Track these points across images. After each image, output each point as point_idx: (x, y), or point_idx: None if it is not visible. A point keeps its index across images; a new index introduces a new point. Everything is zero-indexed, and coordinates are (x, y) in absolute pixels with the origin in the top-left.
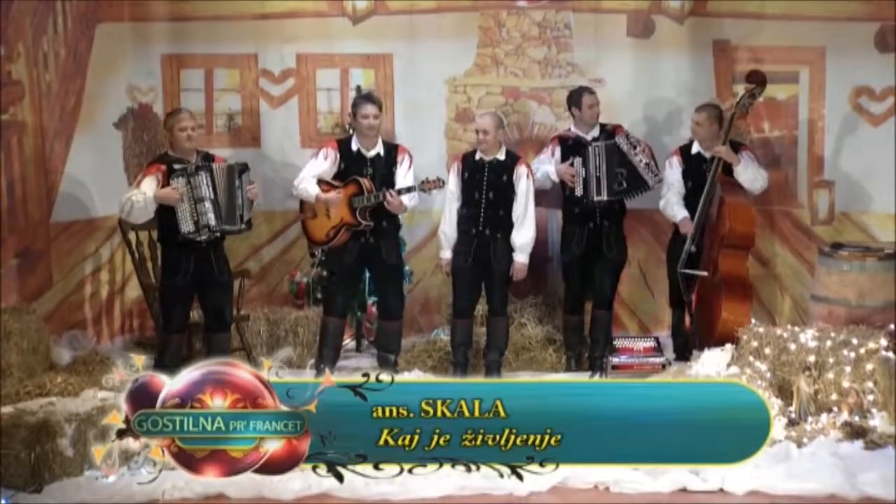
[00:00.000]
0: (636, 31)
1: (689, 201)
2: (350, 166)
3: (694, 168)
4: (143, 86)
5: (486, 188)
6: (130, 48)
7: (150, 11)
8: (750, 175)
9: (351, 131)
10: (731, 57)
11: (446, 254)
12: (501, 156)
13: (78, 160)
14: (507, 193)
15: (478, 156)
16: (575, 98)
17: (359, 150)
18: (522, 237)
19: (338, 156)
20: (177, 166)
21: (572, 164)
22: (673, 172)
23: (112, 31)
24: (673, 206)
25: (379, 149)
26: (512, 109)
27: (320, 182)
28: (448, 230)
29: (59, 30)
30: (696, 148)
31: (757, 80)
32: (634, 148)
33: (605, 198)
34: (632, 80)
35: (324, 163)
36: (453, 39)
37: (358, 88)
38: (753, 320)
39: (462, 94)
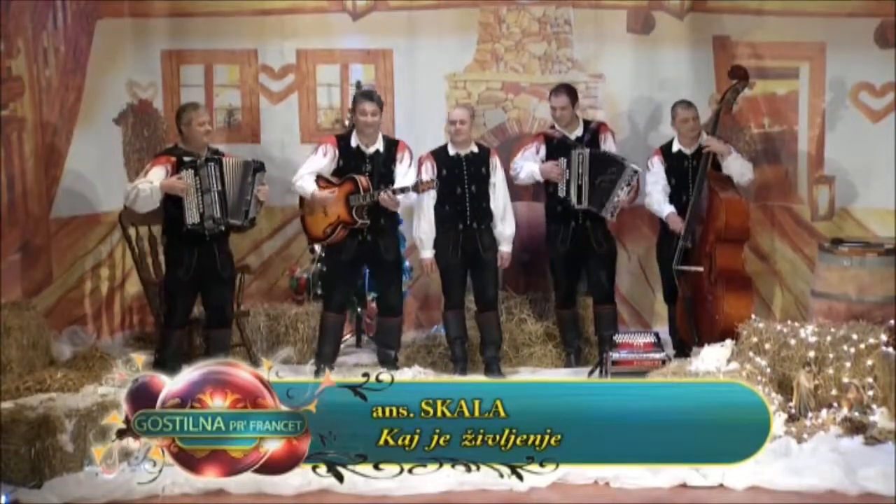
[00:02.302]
0: (636, 26)
1: (673, 199)
2: (349, 163)
3: (675, 166)
4: (143, 82)
5: (468, 182)
6: (130, 44)
7: (149, 7)
8: (738, 167)
9: (347, 125)
10: (731, 53)
11: (428, 254)
12: (475, 149)
13: (78, 156)
14: (486, 185)
15: (451, 151)
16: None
17: (358, 147)
18: (509, 228)
19: (337, 152)
20: (186, 159)
21: (557, 164)
22: (656, 171)
23: (112, 27)
24: (659, 202)
25: (379, 145)
26: (512, 105)
27: (319, 178)
28: (427, 229)
29: (59, 26)
30: (676, 146)
31: (739, 75)
32: (629, 184)
33: (586, 206)
34: (632, 76)
35: (322, 159)
36: (453, 35)
37: (358, 84)
38: (753, 316)
39: (462, 90)
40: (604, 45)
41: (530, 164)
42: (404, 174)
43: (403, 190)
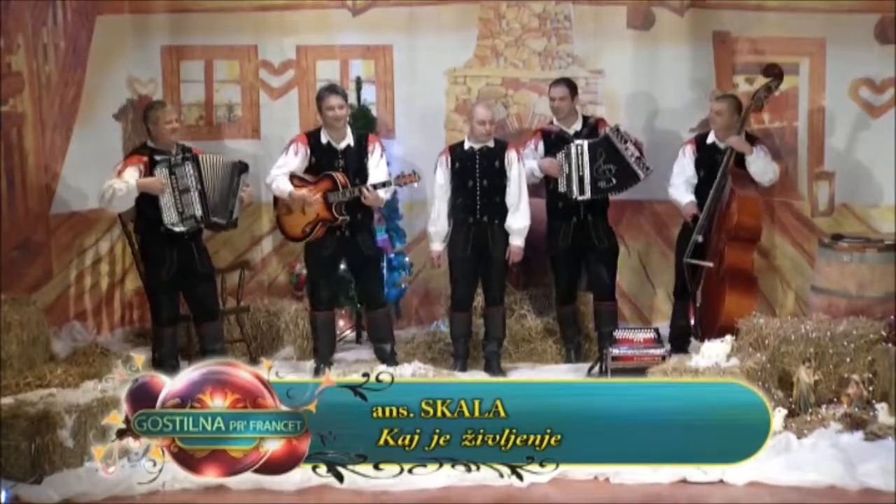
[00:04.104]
0: (636, 22)
1: (701, 191)
2: (321, 160)
3: (707, 158)
4: (143, 77)
5: (480, 176)
6: (130, 40)
7: (149, 3)
8: (761, 166)
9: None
10: (731, 48)
11: (437, 247)
12: (491, 143)
13: (78, 152)
14: (500, 180)
15: (467, 145)
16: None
17: (329, 143)
18: (519, 221)
19: (308, 150)
20: (158, 157)
21: (556, 160)
22: (686, 160)
23: (112, 22)
24: (680, 191)
25: (349, 140)
26: (512, 101)
27: (293, 177)
28: (439, 225)
29: (59, 21)
30: (711, 138)
31: (774, 73)
32: (625, 142)
33: (589, 196)
34: (632, 72)
35: (294, 158)
36: (453, 31)
37: (358, 80)
38: (753, 311)
39: (462, 86)
40: (604, 41)
41: (529, 162)
42: (375, 166)
43: (385, 184)
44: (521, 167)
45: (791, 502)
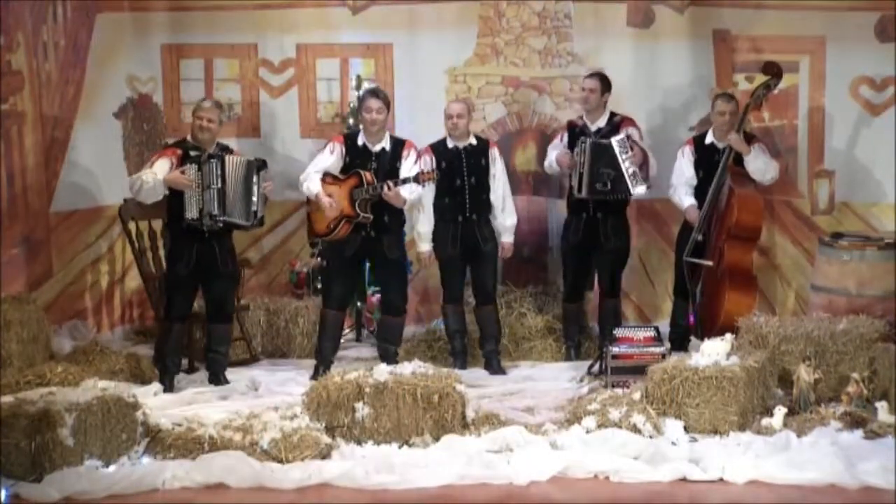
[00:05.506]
0: (636, 20)
1: (701, 191)
2: (355, 160)
3: (706, 158)
4: (143, 76)
5: (468, 174)
6: (130, 38)
7: (149, 1)
8: (760, 165)
9: (351, 123)
10: (731, 46)
11: (426, 246)
12: (474, 141)
13: (78, 150)
14: (485, 177)
15: (450, 144)
16: None
17: (364, 145)
18: (510, 219)
19: (343, 150)
20: (192, 153)
21: (570, 153)
22: (685, 162)
23: (112, 20)
24: (680, 194)
25: (385, 143)
26: (512, 99)
27: (326, 175)
28: (425, 223)
29: (59, 19)
30: (709, 138)
31: (773, 71)
32: (626, 152)
33: (584, 195)
34: (632, 70)
35: (330, 157)
36: (453, 29)
37: (357, 78)
38: (753, 310)
39: (462, 84)
40: (604, 40)
41: (553, 152)
42: (408, 171)
43: (405, 181)
44: (504, 164)
45: (791, 501)
